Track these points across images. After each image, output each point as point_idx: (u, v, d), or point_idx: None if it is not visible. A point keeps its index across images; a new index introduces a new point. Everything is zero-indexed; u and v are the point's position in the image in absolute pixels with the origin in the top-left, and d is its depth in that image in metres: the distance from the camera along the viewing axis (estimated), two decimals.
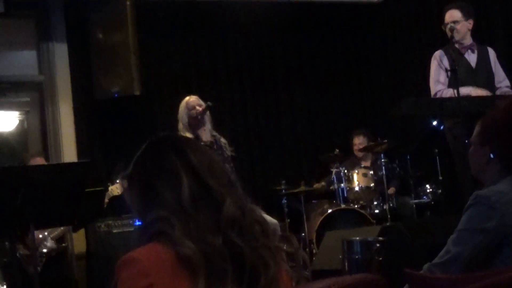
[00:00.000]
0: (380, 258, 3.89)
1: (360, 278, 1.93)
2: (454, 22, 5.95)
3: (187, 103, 5.73)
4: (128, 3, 7.62)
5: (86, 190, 4.36)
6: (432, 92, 5.98)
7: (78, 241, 7.18)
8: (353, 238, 4.10)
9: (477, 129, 2.77)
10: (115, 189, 5.51)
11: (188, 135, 5.50)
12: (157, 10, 8.16)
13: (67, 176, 3.97)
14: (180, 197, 1.79)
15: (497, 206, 2.50)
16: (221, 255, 1.73)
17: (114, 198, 5.52)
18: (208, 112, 5.70)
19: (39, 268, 5.75)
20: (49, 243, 6.31)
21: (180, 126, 5.71)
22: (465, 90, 5.48)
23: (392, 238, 4.55)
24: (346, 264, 4.05)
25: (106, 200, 5.52)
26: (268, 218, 5.83)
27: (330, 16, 9.16)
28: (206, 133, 5.66)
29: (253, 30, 8.87)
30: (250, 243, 1.79)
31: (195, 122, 5.66)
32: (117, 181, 5.39)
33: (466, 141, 4.18)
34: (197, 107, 5.65)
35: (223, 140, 5.87)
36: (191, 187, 1.80)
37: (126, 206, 1.94)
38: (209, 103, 5.65)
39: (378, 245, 3.93)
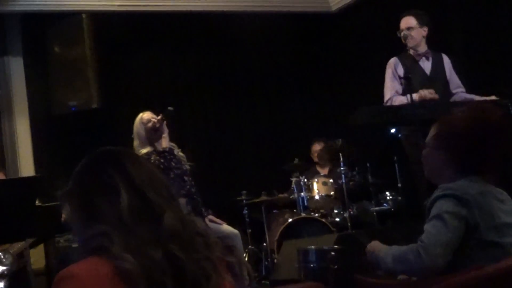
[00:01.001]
0: (336, 267, 3.90)
1: (303, 287, 1.94)
2: (409, 28, 6.02)
3: (141, 118, 5.69)
4: (84, 16, 7.60)
5: (44, 205, 4.31)
6: (385, 100, 6.03)
7: (37, 257, 7.08)
8: (308, 247, 4.11)
9: (432, 132, 2.79)
10: None
11: (145, 150, 5.48)
12: (115, 23, 8.13)
13: (17, 191, 3.92)
14: (119, 211, 1.77)
15: (466, 198, 2.53)
16: (161, 268, 1.71)
17: None
18: (164, 123, 5.66)
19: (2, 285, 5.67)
20: (9, 259, 6.22)
21: (136, 143, 5.66)
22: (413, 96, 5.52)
23: (348, 246, 4.56)
24: (302, 273, 4.05)
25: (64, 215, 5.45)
26: (229, 228, 5.85)
27: (289, 26, 9.21)
28: (165, 141, 5.62)
29: (212, 41, 8.87)
30: (191, 255, 1.78)
31: (154, 134, 5.62)
32: None
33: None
34: (153, 119, 5.62)
35: (181, 153, 5.85)
36: (130, 200, 1.79)
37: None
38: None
39: (333, 253, 3.94)
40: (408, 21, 6.09)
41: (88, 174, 1.87)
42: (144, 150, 5.49)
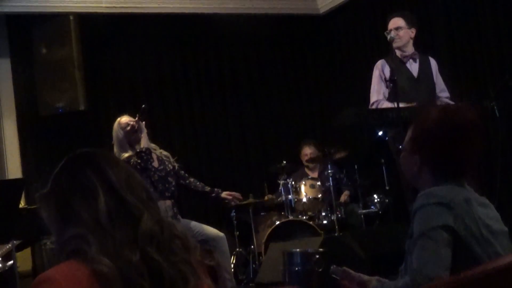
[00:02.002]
0: (320, 270, 3.89)
1: None
2: (397, 28, 6.05)
3: (119, 123, 5.68)
4: (71, 17, 7.58)
5: (29, 207, 4.29)
6: (370, 102, 6.04)
7: (24, 259, 7.05)
8: (293, 249, 4.10)
9: (408, 135, 2.70)
10: None
11: (126, 154, 5.48)
12: (102, 25, 8.11)
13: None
14: (96, 213, 1.76)
15: (451, 205, 2.40)
16: (138, 271, 1.71)
17: None
18: (143, 123, 5.65)
19: None
20: None
21: (116, 149, 5.64)
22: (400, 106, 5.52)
23: (334, 249, 4.57)
24: (287, 276, 4.04)
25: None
26: (214, 231, 5.83)
27: (277, 28, 9.22)
28: (144, 141, 5.61)
29: (199, 42, 8.87)
30: (169, 258, 1.77)
31: (133, 136, 5.62)
32: None
33: None
34: (130, 122, 5.62)
35: (164, 152, 5.85)
36: (108, 203, 1.78)
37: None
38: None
39: (318, 256, 3.93)
40: (396, 22, 6.12)
41: (66, 176, 1.86)
42: (126, 155, 5.49)
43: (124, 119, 5.70)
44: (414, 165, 2.63)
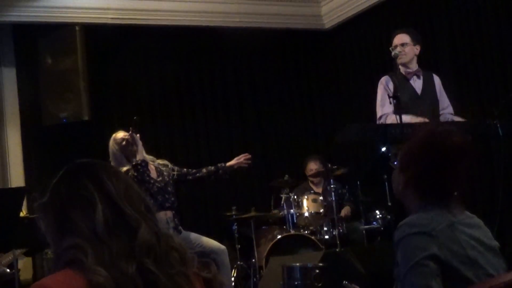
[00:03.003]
0: (320, 284, 3.88)
1: None
2: (403, 44, 6.03)
3: (114, 139, 5.70)
4: (77, 28, 7.61)
5: (31, 216, 4.28)
6: (378, 115, 6.03)
7: (25, 268, 7.06)
8: (293, 264, 4.09)
9: (399, 153, 2.70)
10: None
11: (124, 168, 5.49)
12: (107, 35, 8.14)
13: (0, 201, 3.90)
14: (94, 224, 1.76)
15: (433, 234, 2.37)
16: (134, 283, 1.71)
17: None
18: (138, 136, 5.66)
19: None
20: (1, 269, 6.20)
21: (113, 164, 5.64)
22: (404, 118, 5.52)
23: (334, 264, 4.55)
24: None
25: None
26: (216, 243, 5.83)
27: (282, 42, 9.26)
28: (140, 154, 5.62)
29: (204, 54, 8.89)
30: (165, 270, 1.78)
31: (129, 149, 5.63)
32: None
33: None
34: (124, 137, 5.64)
35: (161, 162, 5.89)
36: (106, 213, 1.78)
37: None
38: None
39: (317, 271, 3.92)
40: (402, 38, 6.10)
41: (65, 186, 1.86)
42: (124, 169, 5.49)
43: (119, 134, 5.72)
44: (401, 183, 2.63)
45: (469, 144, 2.57)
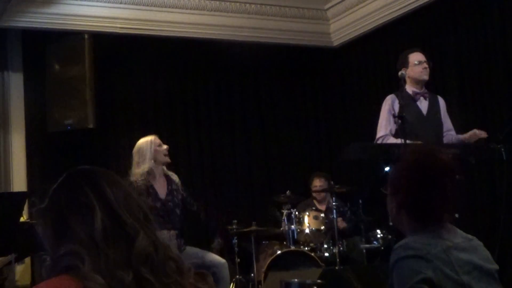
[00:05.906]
0: None
1: None
2: (426, 61, 6.01)
3: (154, 139, 5.89)
4: (86, 36, 7.65)
5: (31, 221, 4.27)
6: (377, 136, 6.01)
7: (23, 273, 7.06)
8: (292, 280, 4.08)
9: (388, 179, 2.68)
10: None
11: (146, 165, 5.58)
12: (115, 45, 8.18)
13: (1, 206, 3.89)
14: (92, 231, 1.76)
15: (428, 258, 2.36)
16: None
17: None
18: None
19: None
20: None
21: (137, 158, 5.76)
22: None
23: (333, 281, 4.54)
24: None
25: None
26: (216, 257, 5.84)
27: (289, 58, 9.28)
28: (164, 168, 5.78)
29: (211, 67, 8.92)
30: (162, 279, 1.78)
31: (162, 156, 5.78)
32: None
33: None
34: (163, 146, 5.79)
35: (177, 180, 6.00)
36: (104, 221, 1.78)
37: None
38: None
39: None
40: (420, 56, 6.07)
41: (64, 192, 1.86)
42: (139, 171, 5.59)
43: (156, 138, 5.94)
44: (392, 207, 2.62)
45: (453, 161, 2.57)
